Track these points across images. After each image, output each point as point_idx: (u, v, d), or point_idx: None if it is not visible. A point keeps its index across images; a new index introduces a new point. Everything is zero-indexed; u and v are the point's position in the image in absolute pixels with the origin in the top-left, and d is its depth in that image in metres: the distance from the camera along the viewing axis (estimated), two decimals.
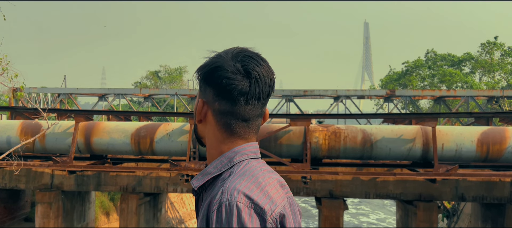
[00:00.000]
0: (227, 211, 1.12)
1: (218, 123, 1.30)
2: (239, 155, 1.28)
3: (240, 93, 1.26)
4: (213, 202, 1.16)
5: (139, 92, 23.35)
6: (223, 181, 1.22)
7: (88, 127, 11.69)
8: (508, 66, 29.04)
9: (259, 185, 1.19)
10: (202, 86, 1.33)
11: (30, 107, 15.11)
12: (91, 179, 14.89)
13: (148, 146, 11.55)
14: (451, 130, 10.96)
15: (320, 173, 10.89)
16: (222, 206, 1.14)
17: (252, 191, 1.17)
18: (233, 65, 1.26)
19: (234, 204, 1.13)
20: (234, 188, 1.16)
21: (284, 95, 21.98)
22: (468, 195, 13.79)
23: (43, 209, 15.02)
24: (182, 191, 15.20)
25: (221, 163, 1.28)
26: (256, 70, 1.27)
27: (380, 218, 31.72)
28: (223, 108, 1.29)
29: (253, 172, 1.24)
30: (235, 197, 1.14)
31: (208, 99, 1.30)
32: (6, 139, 11.90)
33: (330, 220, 14.02)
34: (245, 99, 1.28)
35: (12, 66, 9.21)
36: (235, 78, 1.25)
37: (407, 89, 21.88)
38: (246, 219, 1.11)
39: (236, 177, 1.21)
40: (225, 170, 1.26)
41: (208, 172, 1.28)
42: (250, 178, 1.21)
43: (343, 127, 11.40)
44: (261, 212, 1.14)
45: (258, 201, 1.15)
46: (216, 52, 1.33)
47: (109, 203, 22.48)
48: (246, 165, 1.26)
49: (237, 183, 1.18)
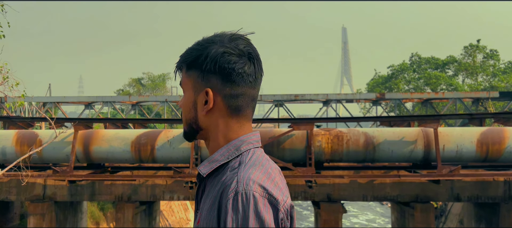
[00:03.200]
0: (243, 200, 1.15)
1: (229, 108, 1.32)
2: (245, 143, 1.31)
3: (249, 74, 1.31)
4: (228, 190, 1.18)
5: (128, 100, 23.05)
6: (232, 169, 1.24)
7: (87, 135, 11.46)
8: (490, 69, 29.81)
9: (269, 175, 1.23)
10: (202, 76, 1.32)
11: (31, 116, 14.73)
12: (85, 188, 14.56)
13: (149, 154, 11.39)
14: (451, 131, 11.15)
15: (326, 176, 10.93)
16: (238, 194, 1.16)
17: (265, 182, 1.20)
18: (236, 48, 1.30)
19: (251, 193, 1.15)
20: (249, 178, 1.19)
21: (275, 100, 22.03)
22: (463, 195, 14.03)
23: (36, 220, 14.60)
24: (179, 198, 14.99)
25: (228, 151, 1.30)
26: (254, 51, 1.33)
27: (369, 218, 32.05)
28: (235, 92, 1.31)
29: (261, 162, 1.27)
30: (251, 187, 1.16)
31: (215, 86, 1.31)
32: (1, 150, 11.56)
33: (329, 223, 14.04)
34: (253, 79, 1.33)
35: (12, 74, 8.98)
36: (243, 61, 1.30)
37: (396, 92, 22.20)
38: (261, 208, 1.15)
39: (248, 166, 1.23)
40: (232, 158, 1.29)
41: (215, 159, 1.30)
42: (260, 168, 1.24)
43: (345, 130, 11.47)
44: (274, 203, 1.18)
45: (272, 192, 1.18)
46: (203, 40, 1.34)
47: (99, 213, 22.08)
48: (253, 154, 1.29)
49: (250, 172, 1.21)
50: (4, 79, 8.84)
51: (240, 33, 1.34)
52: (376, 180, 13.72)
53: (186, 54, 1.35)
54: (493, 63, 30.04)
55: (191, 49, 1.34)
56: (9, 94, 9.09)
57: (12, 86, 9.05)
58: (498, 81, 28.09)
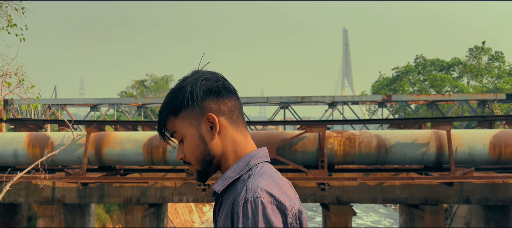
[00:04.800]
0: (253, 206, 1.21)
1: (231, 123, 1.41)
2: (254, 158, 1.38)
3: (231, 88, 1.44)
4: (238, 199, 1.25)
5: (134, 102, 23.06)
6: (243, 182, 1.31)
7: (99, 137, 11.46)
8: (495, 70, 29.82)
9: (277, 184, 1.29)
10: (196, 109, 1.39)
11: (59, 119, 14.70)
12: (94, 190, 14.56)
13: (161, 156, 11.39)
14: (463, 133, 11.15)
15: (339, 179, 10.92)
16: (247, 201, 1.22)
17: (273, 189, 1.26)
18: (208, 73, 1.42)
19: (259, 200, 1.22)
20: (257, 186, 1.26)
21: (281, 102, 22.04)
22: (473, 198, 14.01)
23: (45, 223, 14.59)
24: (188, 200, 14.98)
25: (239, 167, 1.37)
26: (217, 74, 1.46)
27: (374, 220, 32.01)
28: (229, 106, 1.40)
29: (270, 173, 1.34)
30: (259, 194, 1.23)
31: (211, 109, 1.39)
32: (13, 152, 11.56)
33: (339, 225, 14.03)
34: (235, 91, 1.45)
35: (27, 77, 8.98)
36: (221, 79, 1.42)
37: (402, 94, 22.20)
38: (270, 214, 1.21)
39: (256, 176, 1.31)
40: (243, 173, 1.35)
41: (227, 177, 1.37)
42: (268, 178, 1.31)
43: (357, 132, 11.47)
44: (282, 208, 1.24)
45: (279, 198, 1.25)
46: (173, 88, 1.43)
47: (105, 215, 22.06)
48: (262, 167, 1.36)
49: (258, 181, 1.28)
50: (19, 81, 8.85)
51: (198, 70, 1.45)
52: (385, 182, 13.71)
53: (168, 105, 1.41)
54: (498, 65, 30.07)
55: (170, 98, 1.41)
56: (24, 97, 9.09)
57: (27, 89, 9.06)
58: (503, 83, 28.10)
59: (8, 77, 8.85)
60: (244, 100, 21.78)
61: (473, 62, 30.27)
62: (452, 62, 31.40)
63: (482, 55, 29.99)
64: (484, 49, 30.01)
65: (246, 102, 21.96)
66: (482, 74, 29.78)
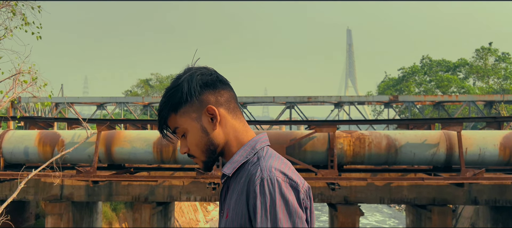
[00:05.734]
0: (269, 184, 1.29)
1: (230, 113, 1.47)
2: (259, 142, 1.46)
3: (225, 80, 1.50)
4: (254, 178, 1.32)
5: (141, 101, 23.12)
6: (253, 164, 1.39)
7: (109, 136, 11.51)
8: (502, 72, 29.71)
9: (286, 164, 1.39)
10: (195, 103, 1.44)
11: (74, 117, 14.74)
12: (103, 189, 14.61)
13: (171, 155, 11.43)
14: (474, 134, 11.13)
15: (349, 179, 10.92)
16: (264, 180, 1.30)
17: (285, 169, 1.35)
18: (201, 68, 1.48)
19: (275, 178, 1.30)
20: (271, 166, 1.34)
21: (288, 102, 22.04)
22: (481, 199, 13.99)
23: (53, 220, 14.66)
24: (196, 199, 15.02)
25: (245, 151, 1.44)
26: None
27: (379, 219, 31.97)
28: (225, 97, 1.47)
29: (278, 155, 1.43)
30: (274, 173, 1.32)
31: (210, 101, 1.44)
32: (24, 150, 11.61)
33: (346, 225, 14.04)
34: (228, 82, 1.51)
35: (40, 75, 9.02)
36: (215, 72, 1.49)
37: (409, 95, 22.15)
38: (285, 191, 1.29)
39: (267, 158, 1.39)
40: (251, 156, 1.42)
41: (235, 160, 1.43)
42: (278, 159, 1.40)
43: (366, 132, 11.47)
44: (295, 185, 1.33)
45: (291, 176, 1.34)
46: (169, 85, 1.48)
47: (111, 213, 22.13)
48: (268, 150, 1.45)
49: (271, 162, 1.36)
50: (33, 80, 8.89)
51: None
52: (393, 183, 13.71)
53: (167, 103, 1.46)
54: (505, 66, 29.95)
55: (168, 97, 1.45)
56: (36, 95, 9.13)
57: (40, 87, 9.10)
58: (510, 84, 28.00)
59: (22, 75, 8.89)
60: (250, 100, 21.80)
61: (480, 63, 30.18)
62: (458, 63, 31.31)
63: (488, 56, 29.92)
64: (491, 50, 29.93)
65: (252, 101, 21.98)
66: (488, 75, 29.69)
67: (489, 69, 29.78)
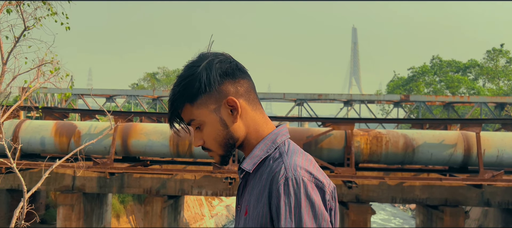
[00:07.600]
0: (294, 184, 1.21)
1: (250, 104, 1.37)
2: (279, 136, 1.37)
3: (243, 68, 1.40)
4: (278, 177, 1.23)
5: (151, 94, 23.15)
6: (274, 160, 1.30)
7: (125, 128, 11.51)
8: None
9: (311, 162, 1.29)
10: (213, 93, 1.34)
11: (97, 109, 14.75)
12: (114, 181, 14.62)
13: (187, 148, 11.43)
14: (492, 136, 11.09)
15: (366, 177, 10.90)
16: (288, 179, 1.22)
17: (310, 167, 1.26)
18: (219, 55, 1.37)
19: (300, 178, 1.22)
20: (295, 164, 1.25)
21: (298, 98, 22.02)
22: (494, 201, 13.94)
23: (65, 211, 14.70)
24: (207, 193, 15.03)
25: (266, 145, 1.35)
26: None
27: (384, 218, 31.96)
28: (245, 87, 1.37)
29: (301, 151, 1.34)
30: (299, 172, 1.23)
31: (229, 92, 1.34)
32: (40, 140, 11.64)
33: (358, 224, 14.04)
34: (246, 71, 1.41)
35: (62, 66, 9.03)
36: (233, 60, 1.38)
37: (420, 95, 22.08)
38: (311, 192, 1.21)
39: (291, 154, 1.30)
40: (271, 151, 1.34)
41: (255, 155, 1.34)
42: (302, 155, 1.31)
43: (383, 131, 11.44)
44: (321, 186, 1.24)
45: (317, 176, 1.25)
46: (184, 72, 1.36)
47: (119, 206, 22.19)
48: (290, 144, 1.35)
49: (295, 159, 1.27)
50: (55, 70, 8.89)
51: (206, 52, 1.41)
52: (405, 182, 13.68)
53: (183, 93, 1.34)
54: None
55: (183, 86, 1.34)
56: (58, 86, 9.13)
57: (61, 78, 9.11)
58: None
59: (44, 66, 8.90)
60: (261, 96, 21.79)
61: (490, 65, 30.06)
62: (468, 64, 31.21)
63: (499, 57, 29.81)
64: (502, 51, 29.83)
65: (263, 98, 21.96)
66: (499, 77, 29.57)
67: (500, 71, 29.67)
